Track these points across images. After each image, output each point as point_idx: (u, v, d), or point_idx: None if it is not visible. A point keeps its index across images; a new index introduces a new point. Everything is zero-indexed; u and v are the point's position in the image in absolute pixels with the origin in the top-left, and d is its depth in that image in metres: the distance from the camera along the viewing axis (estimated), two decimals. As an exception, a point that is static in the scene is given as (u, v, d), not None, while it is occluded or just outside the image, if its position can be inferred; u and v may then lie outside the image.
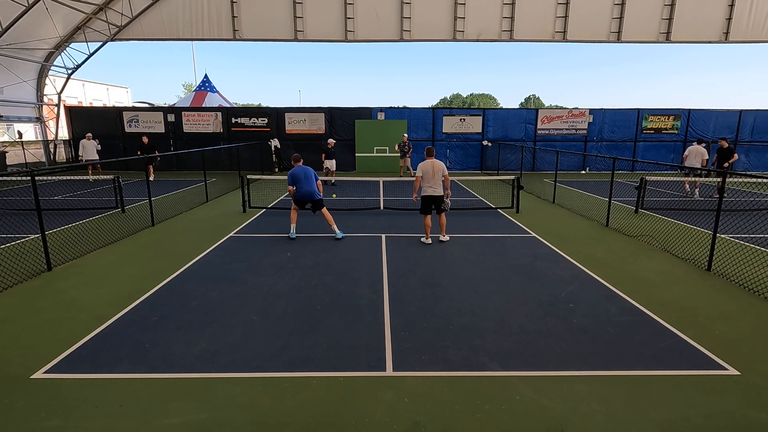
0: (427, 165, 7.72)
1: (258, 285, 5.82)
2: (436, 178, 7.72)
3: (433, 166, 7.69)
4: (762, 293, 5.52)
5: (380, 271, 6.37)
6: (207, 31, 18.67)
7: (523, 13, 18.56)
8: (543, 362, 3.96)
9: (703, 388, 3.58)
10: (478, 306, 5.17)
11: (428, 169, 7.71)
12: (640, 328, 4.64)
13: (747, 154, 20.39)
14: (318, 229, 8.86)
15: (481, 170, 20.09)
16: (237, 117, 20.25)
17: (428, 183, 7.75)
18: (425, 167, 7.73)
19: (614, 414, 3.26)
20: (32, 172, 6.22)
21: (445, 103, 79.87)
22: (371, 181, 14.94)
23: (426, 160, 7.83)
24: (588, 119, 20.19)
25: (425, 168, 7.73)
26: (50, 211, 9.89)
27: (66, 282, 5.93)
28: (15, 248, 7.30)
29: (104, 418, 3.20)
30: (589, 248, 7.58)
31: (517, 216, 10.20)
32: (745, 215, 9.76)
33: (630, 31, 18.73)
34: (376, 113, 20.10)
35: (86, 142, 15.85)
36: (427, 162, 7.76)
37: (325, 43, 19.36)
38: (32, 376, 3.71)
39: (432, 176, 7.71)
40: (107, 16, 17.85)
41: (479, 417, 3.24)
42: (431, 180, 7.72)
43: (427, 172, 7.72)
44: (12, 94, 18.14)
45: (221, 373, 3.77)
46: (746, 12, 18.57)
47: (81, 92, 41.41)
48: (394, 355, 4.08)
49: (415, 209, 10.59)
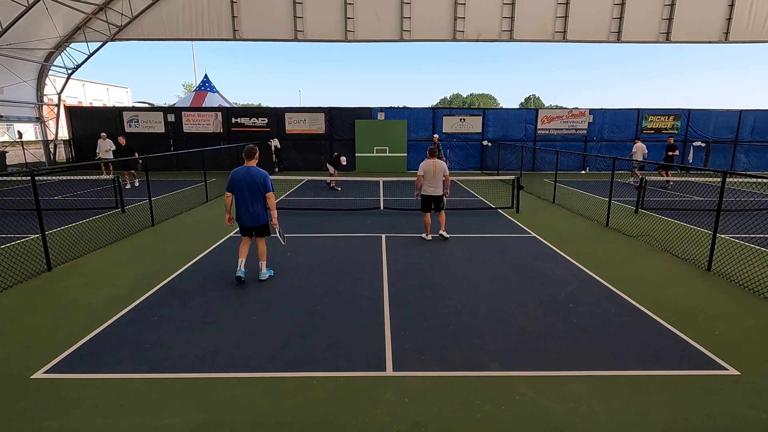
0: (429, 165, 7.74)
1: (258, 285, 5.82)
2: (437, 177, 7.74)
3: (435, 166, 7.71)
4: (762, 293, 5.52)
5: (380, 271, 6.36)
6: (207, 31, 18.67)
7: (523, 13, 18.57)
8: (543, 362, 3.96)
9: (703, 388, 3.57)
10: (478, 306, 5.16)
11: (430, 169, 7.73)
12: (640, 328, 4.64)
13: (747, 154, 20.41)
14: (318, 229, 8.86)
15: (481, 170, 20.09)
16: (237, 117, 20.25)
17: (429, 182, 7.78)
18: (427, 167, 7.75)
19: (614, 414, 3.26)
20: (32, 172, 6.22)
21: (445, 103, 79.89)
22: (371, 181, 14.95)
23: (428, 159, 7.84)
24: (588, 119, 20.20)
25: (427, 168, 7.75)
26: (50, 211, 9.89)
27: (66, 282, 5.93)
28: (15, 248, 7.30)
29: (104, 418, 3.20)
30: (589, 248, 7.58)
31: (517, 216, 10.20)
32: (745, 215, 9.76)
33: (630, 31, 18.74)
34: (376, 113, 20.10)
35: (101, 141, 15.78)
36: (429, 162, 7.78)
37: (325, 43, 19.36)
38: (32, 376, 3.71)
39: (433, 176, 7.73)
40: (107, 16, 17.85)
41: (479, 417, 3.24)
42: (432, 179, 7.75)
43: (428, 172, 7.74)
44: (12, 94, 18.14)
45: (221, 373, 3.77)
46: (746, 12, 18.57)
47: (81, 92, 41.45)
48: (394, 355, 4.08)
49: (415, 209, 10.62)
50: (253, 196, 5.56)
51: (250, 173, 5.51)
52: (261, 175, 5.55)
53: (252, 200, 5.56)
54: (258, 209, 5.63)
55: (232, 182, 5.54)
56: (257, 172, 5.55)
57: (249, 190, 5.52)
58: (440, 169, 7.71)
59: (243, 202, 5.57)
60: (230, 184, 5.57)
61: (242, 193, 5.52)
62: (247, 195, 5.53)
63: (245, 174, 5.51)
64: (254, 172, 5.54)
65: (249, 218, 5.65)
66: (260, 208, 5.65)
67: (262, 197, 5.61)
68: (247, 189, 5.52)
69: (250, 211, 5.60)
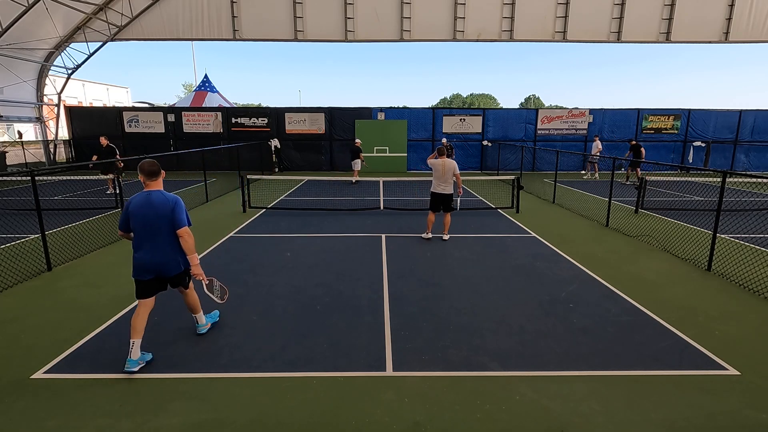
0: (438, 163, 7.79)
1: (258, 285, 5.82)
2: (446, 176, 7.79)
3: (444, 164, 7.76)
4: (762, 293, 5.52)
5: (380, 271, 6.36)
6: (207, 31, 18.67)
7: (523, 13, 18.57)
8: (543, 362, 3.96)
9: (704, 388, 3.57)
10: (478, 306, 5.16)
11: (439, 167, 7.77)
12: (640, 328, 4.64)
13: (747, 154, 20.41)
14: (318, 229, 8.86)
15: (481, 170, 20.11)
16: (237, 117, 20.26)
17: (439, 180, 7.82)
18: (436, 165, 7.80)
19: (614, 414, 3.26)
20: (32, 172, 6.22)
21: (445, 103, 79.87)
22: (371, 181, 14.95)
23: (438, 158, 7.89)
24: (588, 119, 20.20)
25: (436, 165, 7.81)
26: (50, 211, 9.89)
27: (66, 282, 5.93)
28: (15, 248, 7.30)
29: (104, 418, 3.20)
30: (589, 248, 7.58)
31: (517, 216, 10.20)
32: (745, 215, 9.76)
33: (630, 31, 18.74)
34: (376, 113, 20.11)
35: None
36: (438, 160, 7.83)
37: (325, 43, 19.36)
38: (32, 376, 3.71)
39: (442, 174, 7.77)
40: (107, 16, 17.85)
41: (479, 417, 3.24)
42: (442, 178, 7.79)
43: (437, 170, 7.79)
44: (12, 94, 18.15)
45: (221, 373, 3.77)
46: (746, 12, 18.58)
47: (81, 92, 41.45)
48: (394, 355, 4.08)
49: (415, 209, 10.63)
50: (156, 234, 3.78)
51: (150, 202, 3.75)
52: (168, 202, 3.78)
53: (155, 241, 3.78)
54: (166, 253, 3.84)
55: (127, 215, 3.80)
56: (161, 200, 3.77)
57: (149, 226, 3.76)
58: (449, 167, 7.75)
59: (141, 245, 3.81)
60: (123, 218, 3.82)
61: (140, 230, 3.78)
62: (147, 234, 3.78)
63: (144, 203, 3.76)
64: (157, 200, 3.76)
65: (152, 266, 3.81)
66: (170, 250, 3.85)
67: (171, 235, 3.83)
68: (146, 225, 3.76)
69: (153, 257, 3.80)
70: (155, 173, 3.83)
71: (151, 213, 3.74)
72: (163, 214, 3.76)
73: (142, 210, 3.75)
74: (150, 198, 3.77)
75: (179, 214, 3.80)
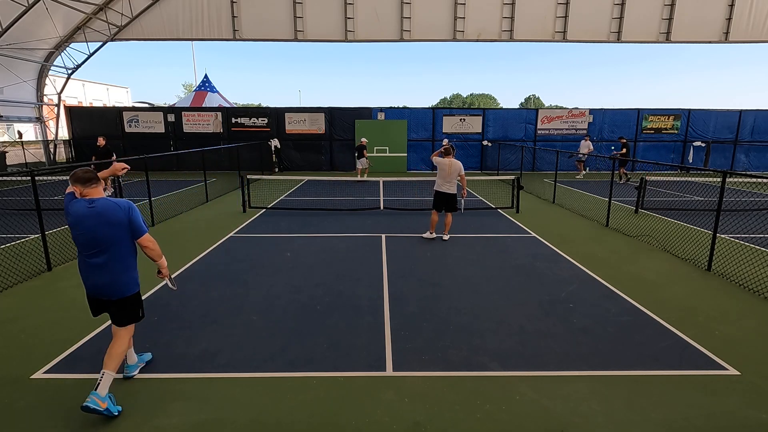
0: (445, 162, 7.82)
1: (258, 285, 5.82)
2: (451, 177, 7.81)
3: (451, 165, 7.79)
4: (762, 293, 5.51)
5: (380, 271, 6.36)
6: (207, 31, 18.67)
7: (523, 13, 18.57)
8: (543, 362, 3.96)
9: (703, 388, 3.57)
10: (478, 306, 5.16)
11: (445, 167, 7.79)
12: (640, 328, 4.64)
13: (747, 154, 20.41)
14: (318, 229, 8.86)
15: (481, 170, 20.10)
16: (237, 117, 20.26)
17: (444, 180, 7.84)
18: (443, 164, 7.83)
19: (614, 414, 3.26)
20: (32, 172, 6.22)
21: (445, 103, 79.86)
22: (371, 181, 14.96)
23: (444, 157, 7.90)
24: (588, 119, 20.20)
25: (442, 164, 7.83)
26: (50, 211, 9.89)
27: (66, 282, 5.92)
28: (15, 248, 7.30)
29: (104, 418, 3.19)
30: (589, 248, 7.58)
31: (517, 216, 10.20)
32: (745, 215, 9.76)
33: (630, 31, 18.74)
34: (376, 113, 20.11)
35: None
36: (445, 159, 7.85)
37: (325, 43, 19.36)
38: (32, 376, 3.71)
39: (448, 174, 7.79)
40: (107, 16, 17.85)
41: (479, 417, 3.24)
42: (447, 177, 7.81)
43: (443, 170, 7.81)
44: (12, 94, 18.15)
45: (221, 373, 3.77)
46: (746, 12, 18.57)
47: (81, 92, 41.44)
48: (394, 355, 4.08)
49: (415, 209, 10.63)
50: (107, 247, 3.19)
51: (96, 210, 3.13)
52: (120, 209, 3.20)
53: (104, 256, 3.20)
54: (117, 272, 3.27)
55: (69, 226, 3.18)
56: (111, 207, 3.18)
57: (97, 238, 3.15)
58: (456, 168, 7.78)
59: (87, 261, 3.22)
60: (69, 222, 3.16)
61: (86, 243, 3.17)
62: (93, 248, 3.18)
63: (88, 212, 3.12)
64: (103, 208, 3.15)
65: (103, 285, 3.26)
66: (121, 269, 3.29)
67: (124, 248, 3.28)
68: (93, 237, 3.15)
69: (103, 276, 3.23)
70: (92, 179, 3.20)
71: (96, 221, 3.12)
72: (117, 222, 3.16)
73: (86, 218, 3.11)
74: (95, 206, 3.13)
75: (137, 220, 3.27)
